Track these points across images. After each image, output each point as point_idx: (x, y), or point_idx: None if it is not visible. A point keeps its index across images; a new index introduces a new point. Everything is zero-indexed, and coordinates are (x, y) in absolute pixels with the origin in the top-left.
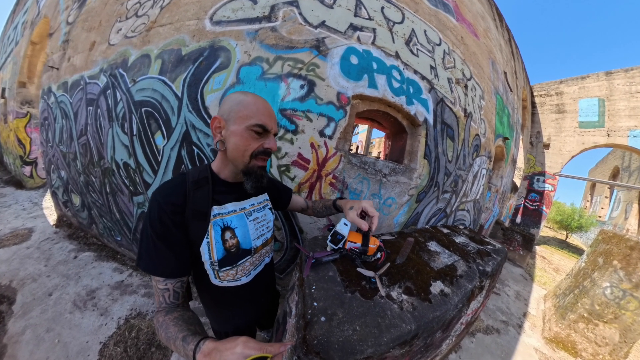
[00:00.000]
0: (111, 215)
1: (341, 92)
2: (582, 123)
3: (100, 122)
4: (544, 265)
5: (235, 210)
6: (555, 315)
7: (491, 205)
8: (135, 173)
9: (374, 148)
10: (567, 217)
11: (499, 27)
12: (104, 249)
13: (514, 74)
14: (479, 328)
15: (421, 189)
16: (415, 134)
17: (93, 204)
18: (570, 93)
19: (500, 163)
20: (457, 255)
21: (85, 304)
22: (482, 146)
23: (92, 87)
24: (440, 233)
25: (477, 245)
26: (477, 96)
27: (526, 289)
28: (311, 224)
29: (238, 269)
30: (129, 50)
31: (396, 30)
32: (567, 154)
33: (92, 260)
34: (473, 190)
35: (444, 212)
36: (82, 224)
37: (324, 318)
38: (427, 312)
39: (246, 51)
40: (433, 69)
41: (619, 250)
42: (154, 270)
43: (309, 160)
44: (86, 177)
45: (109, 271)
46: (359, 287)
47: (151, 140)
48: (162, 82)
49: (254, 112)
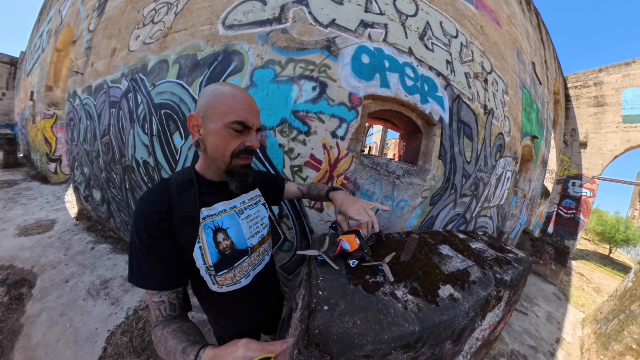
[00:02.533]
0: (129, 210)
1: (353, 93)
2: (626, 117)
3: (122, 122)
4: (581, 283)
5: (225, 210)
6: (596, 345)
7: (518, 212)
8: (154, 171)
9: (389, 149)
10: (610, 228)
11: (526, 11)
12: (119, 242)
13: (544, 64)
14: (502, 352)
15: (435, 190)
16: (430, 134)
17: (112, 199)
18: (612, 82)
19: (529, 165)
20: (472, 260)
21: (98, 293)
22: (507, 146)
23: (114, 91)
24: (454, 237)
25: (495, 253)
26: (500, 91)
27: (560, 310)
28: (321, 224)
29: (236, 270)
30: (147, 55)
31: (409, 24)
32: (608, 154)
33: (108, 252)
34: (496, 194)
35: (463, 218)
36: (101, 217)
37: (326, 307)
38: (433, 315)
39: (259, 54)
40: (449, 63)
41: None
42: (146, 284)
43: (321, 161)
44: (107, 173)
45: (122, 263)
46: (362, 280)
47: (170, 140)
48: (180, 85)
49: (231, 107)
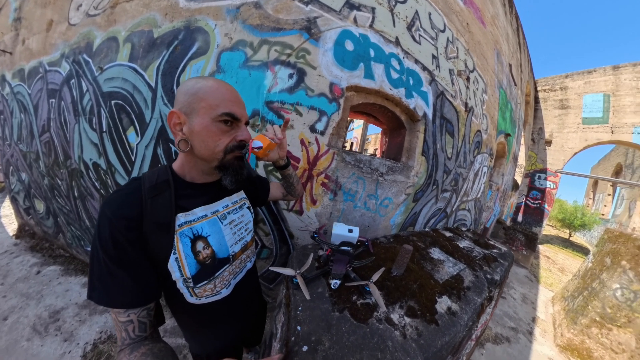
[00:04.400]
0: (81, 223)
1: (334, 83)
2: (585, 119)
3: (64, 116)
4: (548, 265)
5: (206, 215)
6: (566, 320)
7: (492, 204)
8: (106, 175)
9: (369, 145)
10: (569, 215)
11: (508, 13)
12: (72, 261)
13: (519, 67)
14: (488, 337)
15: (418, 187)
16: (414, 130)
17: (60, 210)
18: (575, 88)
19: (502, 160)
20: (463, 262)
21: (46, 328)
22: (484, 143)
23: (53, 76)
24: (442, 237)
25: (482, 250)
26: (480, 90)
27: (532, 291)
28: (302, 228)
29: (216, 281)
30: (92, 31)
31: (398, 11)
32: (569, 151)
33: (58, 275)
34: (474, 188)
35: (444, 212)
36: (47, 233)
37: (305, 347)
38: (435, 339)
39: (227, 33)
40: (435, 58)
41: (627, 250)
42: (111, 302)
43: (298, 159)
44: (51, 179)
45: (77, 287)
46: (349, 304)
47: (123, 137)
48: (133, 70)
49: (219, 99)
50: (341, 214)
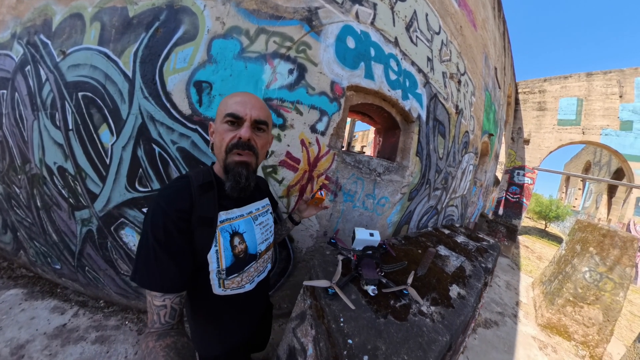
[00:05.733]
0: (46, 237)
1: (335, 82)
2: (560, 121)
3: (20, 111)
4: (527, 254)
5: (242, 215)
6: (545, 302)
7: (476, 199)
8: (75, 180)
9: (356, 142)
10: (545, 208)
11: (497, 17)
12: (37, 282)
13: (503, 70)
14: (479, 322)
15: (413, 186)
16: (408, 131)
17: (19, 223)
18: (553, 92)
19: (485, 158)
20: (463, 255)
21: None
22: (471, 143)
23: (2, 61)
24: (444, 235)
25: (475, 243)
26: (469, 92)
27: (514, 278)
28: (302, 231)
29: (244, 275)
30: (50, 6)
31: (398, 9)
32: (545, 150)
33: (20, 301)
34: (461, 186)
35: (435, 210)
36: (5, 250)
37: (366, 357)
38: (454, 319)
39: (219, 17)
40: (430, 61)
41: (594, 238)
42: (153, 285)
43: (299, 160)
44: (6, 187)
45: (45, 313)
46: (390, 309)
47: (94, 136)
48: (104, 55)
49: (229, 104)
50: (341, 214)
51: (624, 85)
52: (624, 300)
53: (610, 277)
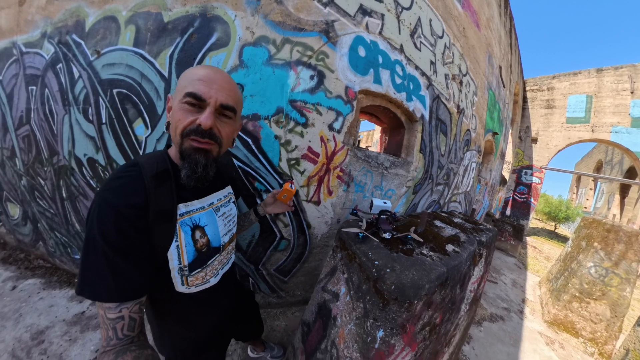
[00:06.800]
0: (68, 227)
1: (349, 87)
2: (569, 119)
3: (50, 106)
4: (535, 254)
5: (203, 207)
6: (551, 299)
7: (481, 197)
8: (105, 171)
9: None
10: (554, 209)
11: (503, 14)
12: (54, 272)
13: (509, 68)
14: (484, 316)
15: (417, 181)
16: (412, 129)
17: (41, 214)
18: (561, 89)
19: (489, 157)
20: (458, 229)
21: (29, 353)
22: (473, 141)
23: (32, 59)
24: (440, 215)
25: (471, 225)
26: (471, 92)
27: (521, 276)
28: (319, 218)
29: (207, 269)
30: (82, 8)
31: (403, 17)
32: (553, 148)
33: (39, 290)
34: (464, 182)
35: (437, 204)
36: (23, 242)
37: (388, 269)
38: (450, 261)
39: (248, 27)
40: (433, 64)
41: (598, 233)
42: (106, 295)
43: (318, 154)
44: (30, 180)
45: (63, 301)
46: (398, 249)
47: (128, 129)
48: (140, 56)
49: (191, 79)
50: (352, 203)
51: (635, 81)
52: (632, 295)
53: (616, 273)
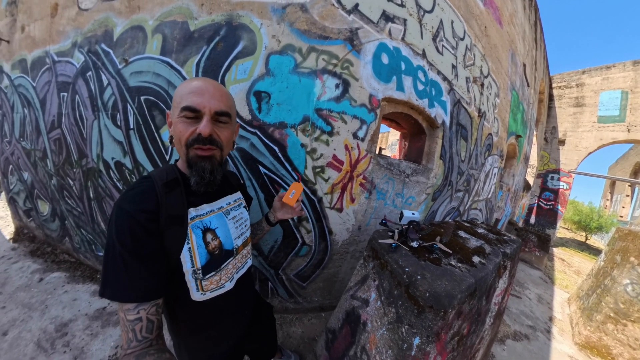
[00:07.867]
0: (94, 226)
1: (373, 95)
2: (601, 117)
3: (80, 111)
4: (563, 267)
5: (212, 211)
6: (582, 318)
7: (503, 205)
8: (132, 174)
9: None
10: (585, 217)
11: (527, 7)
12: (78, 267)
13: (534, 65)
14: (507, 334)
15: (436, 187)
16: (433, 136)
17: (69, 212)
18: (592, 85)
19: (512, 161)
20: (482, 240)
21: (53, 344)
22: (495, 145)
23: (64, 67)
24: (463, 225)
25: (495, 235)
26: (492, 94)
27: (547, 292)
28: (340, 225)
29: (222, 273)
30: (110, 18)
31: (425, 21)
32: (583, 151)
33: (64, 283)
34: (485, 189)
35: (457, 211)
36: (51, 237)
37: (419, 277)
38: (477, 272)
39: (274, 35)
40: (454, 68)
41: (635, 247)
42: (125, 296)
43: (342, 162)
44: (60, 179)
45: (86, 296)
46: (426, 258)
47: (155, 135)
48: (167, 64)
49: (183, 93)
50: (374, 210)
51: None
52: None
53: None
